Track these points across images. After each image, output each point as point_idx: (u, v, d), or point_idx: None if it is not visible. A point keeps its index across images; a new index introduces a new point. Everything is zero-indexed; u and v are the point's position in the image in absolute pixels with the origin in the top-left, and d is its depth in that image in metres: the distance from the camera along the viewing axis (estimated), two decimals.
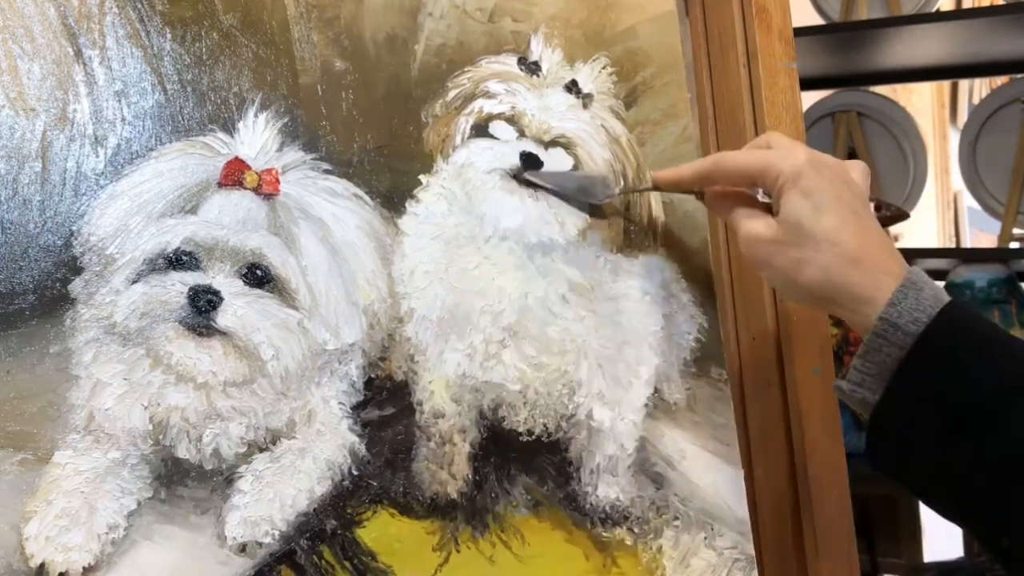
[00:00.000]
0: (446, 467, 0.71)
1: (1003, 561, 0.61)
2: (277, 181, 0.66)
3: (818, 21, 1.93)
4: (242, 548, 0.63)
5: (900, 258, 0.66)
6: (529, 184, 0.73)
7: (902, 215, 0.77)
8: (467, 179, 0.73)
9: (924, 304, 0.62)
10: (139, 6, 0.64)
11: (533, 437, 0.74)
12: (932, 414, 0.61)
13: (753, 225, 0.68)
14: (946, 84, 3.13)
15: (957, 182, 2.73)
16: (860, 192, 0.68)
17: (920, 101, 3.00)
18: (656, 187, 0.76)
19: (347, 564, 0.65)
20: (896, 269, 0.64)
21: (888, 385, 0.62)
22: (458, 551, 0.69)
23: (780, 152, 0.68)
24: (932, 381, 0.61)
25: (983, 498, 0.60)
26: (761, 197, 0.71)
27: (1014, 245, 1.82)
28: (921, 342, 0.61)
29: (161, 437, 0.63)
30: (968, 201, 2.82)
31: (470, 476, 0.72)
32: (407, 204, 0.72)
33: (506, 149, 0.74)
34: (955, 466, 0.60)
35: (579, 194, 0.74)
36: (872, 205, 0.70)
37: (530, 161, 0.73)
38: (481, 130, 0.74)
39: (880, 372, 0.63)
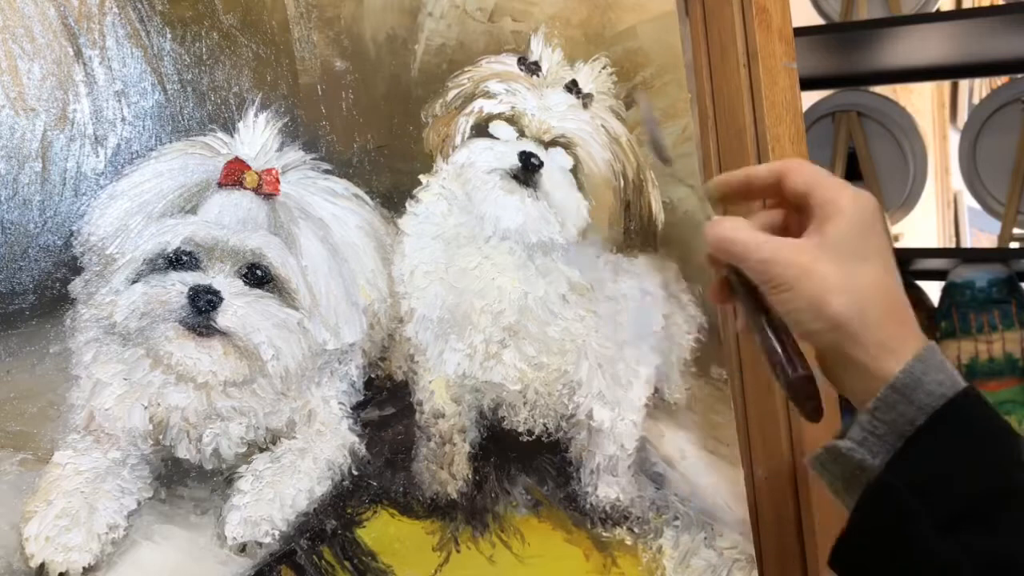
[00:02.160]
0: (446, 467, 0.71)
1: None
2: (277, 181, 0.66)
3: (818, 21, 1.93)
4: (242, 548, 0.63)
5: (923, 335, 0.62)
6: (529, 183, 0.73)
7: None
8: (467, 179, 0.73)
9: (949, 371, 0.58)
10: (139, 6, 0.64)
11: (533, 437, 0.74)
12: (941, 492, 0.55)
13: (777, 245, 0.62)
14: (946, 84, 3.13)
15: (957, 182, 2.73)
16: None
17: (920, 101, 3.00)
18: (709, 189, 0.71)
19: (347, 564, 0.65)
20: (923, 336, 0.60)
21: (900, 449, 0.57)
22: (458, 551, 0.69)
23: (848, 185, 0.64)
24: (952, 454, 0.56)
25: None
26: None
27: (1014, 245, 1.82)
28: (947, 408, 0.56)
29: (161, 437, 0.63)
30: (968, 201, 2.82)
31: (470, 476, 0.72)
32: (407, 204, 0.72)
33: (506, 149, 0.74)
34: (961, 557, 0.54)
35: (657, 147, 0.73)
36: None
37: (530, 161, 0.73)
38: (481, 130, 0.74)
39: (887, 433, 0.57)
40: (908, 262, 1.87)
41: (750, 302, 0.65)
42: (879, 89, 2.03)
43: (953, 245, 3.05)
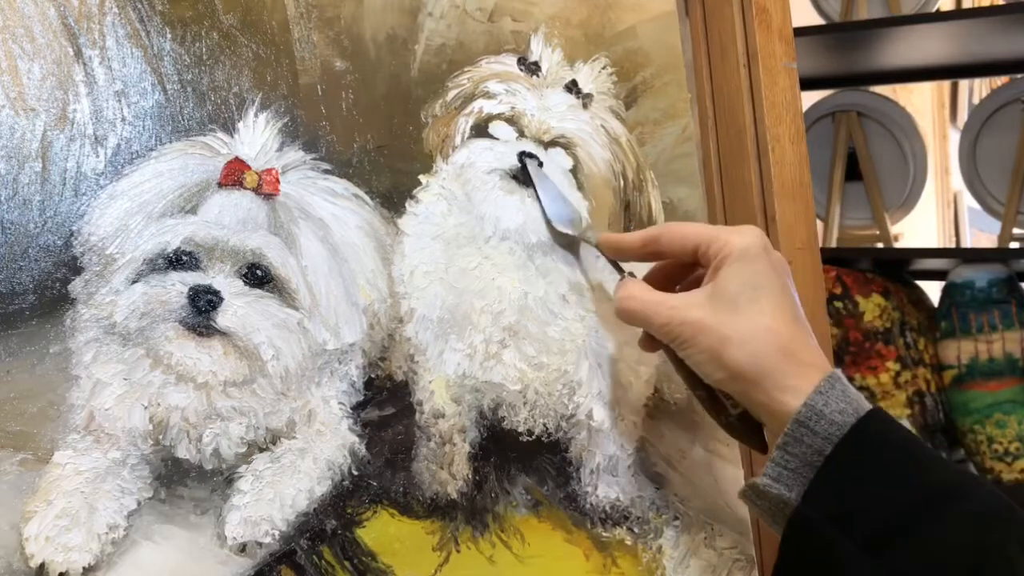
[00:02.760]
0: (446, 467, 0.71)
1: None
2: (277, 181, 0.66)
3: (818, 21, 1.93)
4: (242, 548, 0.63)
5: (826, 360, 0.64)
6: (528, 183, 0.74)
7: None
8: (467, 179, 0.73)
9: (851, 398, 0.59)
10: (139, 6, 0.64)
11: (533, 437, 0.74)
12: (856, 519, 0.57)
13: (672, 305, 0.65)
14: (946, 84, 3.13)
15: (957, 182, 2.73)
16: (793, 287, 0.66)
17: (920, 101, 3.00)
18: (600, 246, 0.73)
19: (347, 564, 0.65)
20: (823, 365, 0.62)
21: (812, 480, 0.58)
22: (458, 551, 0.69)
23: (731, 228, 0.67)
24: (861, 478, 0.57)
25: None
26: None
27: (1014, 245, 1.82)
28: (853, 431, 0.58)
29: (161, 437, 0.63)
30: (968, 201, 2.82)
31: (470, 476, 0.72)
32: (407, 204, 0.72)
33: (506, 149, 0.74)
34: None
35: (553, 210, 0.74)
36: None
37: (530, 160, 0.73)
38: (481, 130, 0.74)
39: (800, 466, 0.59)
40: (908, 262, 1.87)
41: (673, 353, 0.68)
42: (879, 89, 2.03)
43: (953, 245, 3.05)
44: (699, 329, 0.63)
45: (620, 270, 0.72)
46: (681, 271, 0.72)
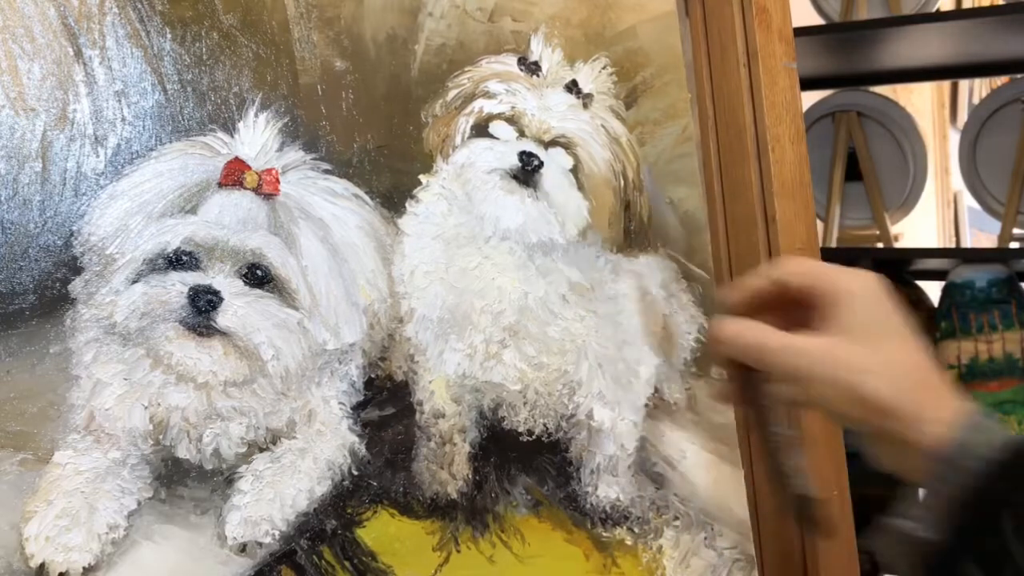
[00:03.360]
0: (446, 467, 0.71)
1: None
2: (277, 181, 0.66)
3: (818, 21, 1.93)
4: (242, 548, 0.63)
5: (959, 397, 0.61)
6: (529, 183, 0.74)
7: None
8: (467, 179, 0.73)
9: (997, 436, 0.56)
10: (139, 6, 0.64)
11: (533, 437, 0.74)
12: (1009, 564, 0.53)
13: (801, 337, 0.61)
14: (946, 84, 3.13)
15: (957, 182, 2.73)
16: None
17: (920, 101, 2.99)
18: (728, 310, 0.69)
19: (347, 564, 0.65)
20: (958, 401, 0.59)
21: (960, 520, 0.55)
22: (458, 551, 0.69)
23: (847, 269, 0.63)
24: (1012, 522, 0.54)
25: None
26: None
27: (1014, 245, 1.82)
28: (1003, 470, 0.54)
29: (161, 437, 0.63)
30: (968, 201, 2.82)
31: (470, 476, 0.72)
32: (407, 204, 0.72)
33: (506, 149, 0.74)
34: None
35: None
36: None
37: (530, 161, 0.73)
38: (481, 130, 0.74)
39: (945, 507, 0.56)
40: (908, 262, 1.87)
41: (757, 413, 0.65)
42: (879, 89, 2.03)
43: (953, 245, 3.05)
44: (832, 360, 0.59)
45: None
46: (761, 308, 0.67)
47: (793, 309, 0.64)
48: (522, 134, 0.75)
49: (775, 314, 0.65)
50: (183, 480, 0.63)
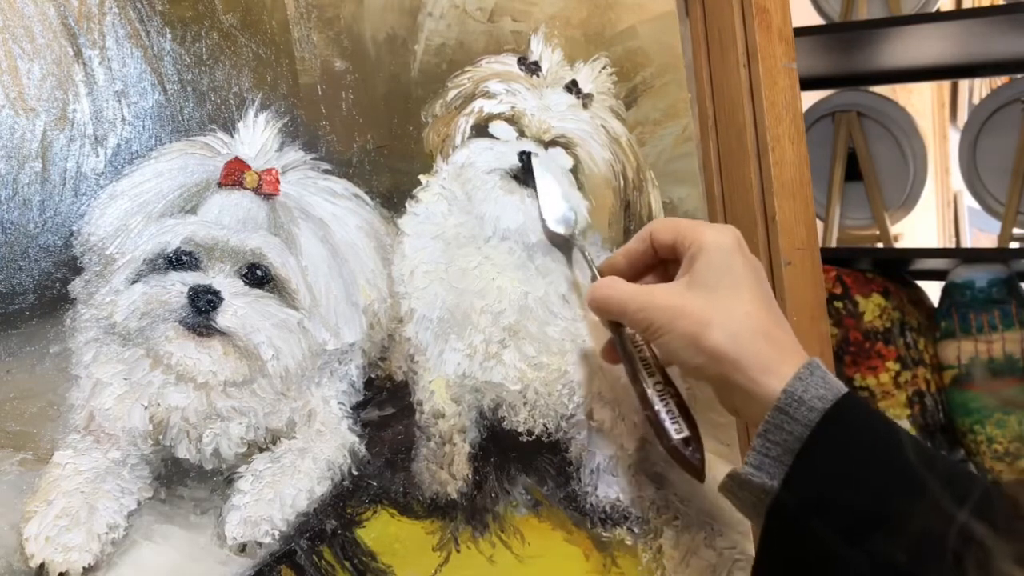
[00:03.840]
0: (446, 467, 0.71)
1: None
2: (277, 181, 0.66)
3: (818, 21, 1.93)
4: (242, 548, 0.63)
5: (802, 349, 0.64)
6: (528, 183, 0.74)
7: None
8: (467, 179, 0.73)
9: (831, 384, 0.60)
10: (139, 6, 0.64)
11: (533, 437, 0.74)
12: (836, 504, 0.57)
13: (650, 292, 0.66)
14: (946, 84, 3.13)
15: (957, 182, 2.73)
16: (768, 285, 0.67)
17: (920, 101, 2.99)
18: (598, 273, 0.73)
19: (347, 564, 0.65)
20: (802, 352, 0.62)
21: (790, 467, 0.58)
22: (458, 551, 0.69)
23: (708, 224, 0.68)
24: (840, 463, 0.58)
25: None
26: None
27: (1014, 245, 1.82)
28: (828, 417, 0.58)
29: (161, 437, 0.63)
30: (968, 201, 2.82)
31: (470, 476, 0.72)
32: (407, 204, 0.72)
33: (506, 149, 0.74)
34: (856, 565, 0.55)
35: (547, 209, 0.74)
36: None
37: (529, 160, 0.73)
38: (481, 130, 0.74)
39: (781, 454, 0.59)
40: (908, 262, 1.87)
41: (630, 367, 0.69)
42: (879, 89, 2.03)
43: (953, 245, 3.05)
44: (678, 314, 0.63)
45: (595, 275, 0.72)
46: (644, 269, 0.73)
47: (671, 267, 0.70)
48: (522, 134, 0.75)
49: (655, 273, 0.72)
50: (183, 480, 0.63)
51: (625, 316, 0.67)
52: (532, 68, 0.76)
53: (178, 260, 0.62)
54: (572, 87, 0.77)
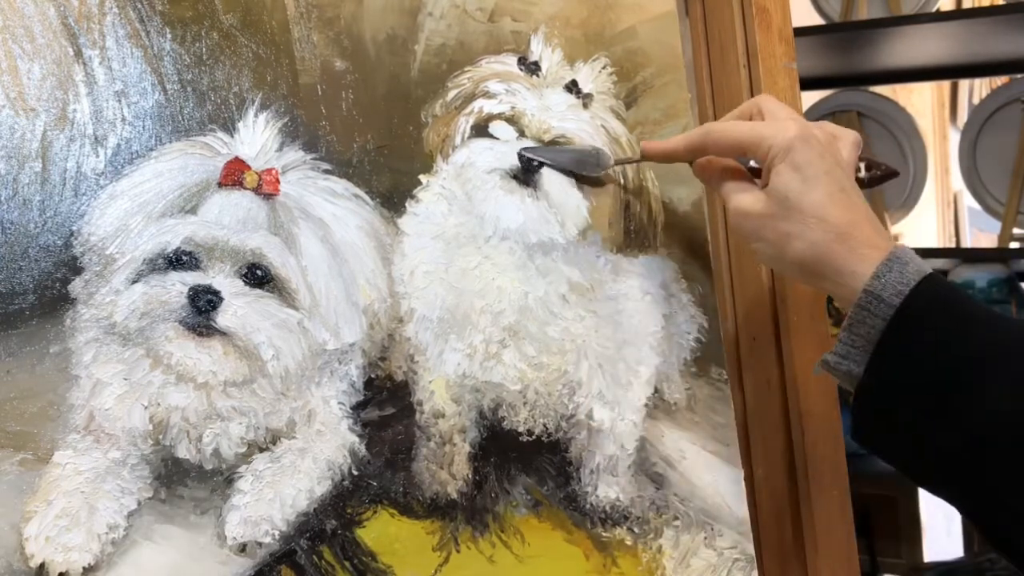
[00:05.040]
0: (446, 467, 0.71)
1: (991, 537, 0.63)
2: (277, 181, 0.66)
3: (818, 21, 1.93)
4: (242, 548, 0.63)
5: (886, 233, 0.67)
6: (528, 183, 0.73)
7: (892, 173, 0.80)
8: (467, 179, 0.73)
9: (908, 277, 0.63)
10: (139, 6, 0.64)
11: (533, 437, 0.74)
12: (915, 385, 0.62)
13: (742, 198, 0.70)
14: (946, 84, 3.12)
15: (957, 182, 2.73)
16: (848, 166, 0.69)
17: (920, 101, 2.99)
18: (646, 158, 0.77)
19: (347, 564, 0.65)
20: (882, 243, 0.65)
21: (871, 356, 0.63)
22: (458, 551, 0.69)
23: (771, 124, 0.70)
24: (913, 351, 0.62)
25: (963, 471, 0.61)
26: (754, 163, 0.72)
27: (1014, 245, 1.82)
28: (900, 313, 0.62)
29: (161, 437, 0.63)
30: (968, 201, 2.82)
31: (470, 476, 0.72)
32: (407, 204, 0.72)
33: (506, 149, 0.74)
34: (937, 438, 0.61)
35: (576, 167, 0.75)
36: (863, 165, 0.73)
37: (529, 161, 0.73)
38: (481, 130, 0.74)
39: (865, 344, 0.64)
40: None
41: None
42: (879, 89, 2.03)
43: (953, 245, 3.05)
44: (761, 226, 0.68)
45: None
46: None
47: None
48: (522, 134, 0.75)
49: None
50: (183, 480, 0.63)
51: (728, 208, 0.72)
52: (532, 68, 0.76)
53: (178, 260, 0.62)
54: (572, 87, 0.77)
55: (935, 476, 0.64)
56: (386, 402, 0.70)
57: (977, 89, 3.12)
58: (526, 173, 0.73)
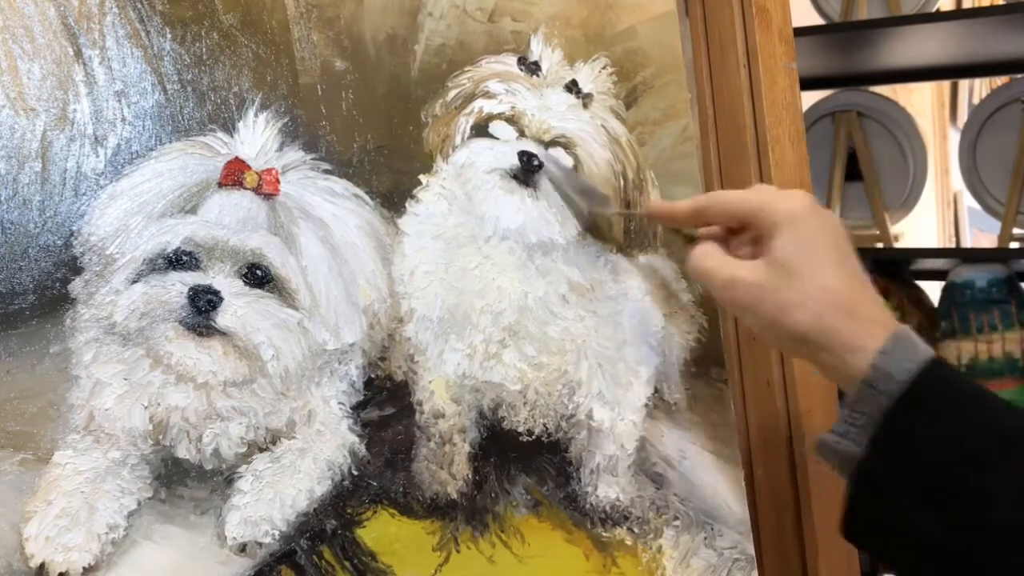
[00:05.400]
0: (446, 467, 0.71)
1: None
2: (277, 181, 0.66)
3: (818, 21, 1.93)
4: (242, 548, 0.63)
5: (890, 313, 0.64)
6: (529, 183, 0.73)
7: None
8: (467, 179, 0.73)
9: (917, 355, 0.61)
10: (139, 6, 0.64)
11: (533, 437, 0.74)
12: (920, 468, 0.59)
13: (735, 269, 0.66)
14: (946, 84, 3.13)
15: (957, 182, 2.73)
16: (851, 245, 0.67)
17: (920, 101, 2.99)
18: (650, 216, 0.75)
19: (347, 564, 0.65)
20: (887, 322, 0.63)
21: (874, 435, 0.60)
22: (458, 551, 0.69)
23: (777, 193, 0.67)
24: (922, 430, 0.59)
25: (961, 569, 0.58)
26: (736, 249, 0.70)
27: (1014, 245, 1.82)
28: (911, 391, 0.59)
29: (161, 437, 0.63)
30: (968, 201, 2.82)
31: (470, 476, 0.72)
32: (407, 204, 0.72)
33: (506, 149, 0.74)
34: (934, 531, 0.58)
35: (578, 193, 0.74)
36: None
37: (529, 160, 0.73)
38: (481, 130, 0.74)
39: (868, 423, 0.61)
40: (908, 262, 1.87)
41: None
42: (879, 89, 2.03)
43: (953, 245, 3.05)
44: (759, 295, 0.64)
45: (689, 237, 0.72)
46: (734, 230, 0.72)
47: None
48: (522, 134, 0.75)
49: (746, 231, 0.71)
50: (183, 480, 0.63)
51: (714, 293, 0.68)
52: (532, 68, 0.76)
53: (178, 260, 0.62)
54: (572, 87, 0.77)
55: (927, 568, 0.60)
56: (386, 402, 0.70)
57: (977, 89, 3.12)
58: (526, 173, 0.73)
